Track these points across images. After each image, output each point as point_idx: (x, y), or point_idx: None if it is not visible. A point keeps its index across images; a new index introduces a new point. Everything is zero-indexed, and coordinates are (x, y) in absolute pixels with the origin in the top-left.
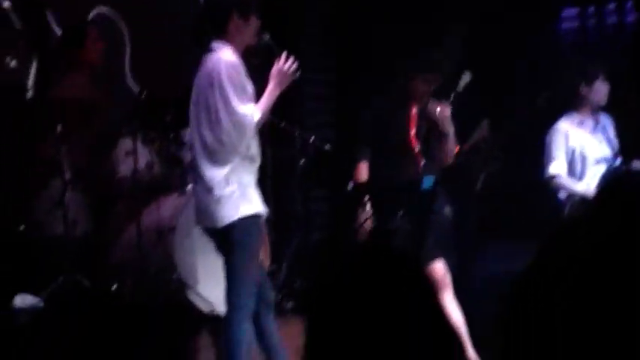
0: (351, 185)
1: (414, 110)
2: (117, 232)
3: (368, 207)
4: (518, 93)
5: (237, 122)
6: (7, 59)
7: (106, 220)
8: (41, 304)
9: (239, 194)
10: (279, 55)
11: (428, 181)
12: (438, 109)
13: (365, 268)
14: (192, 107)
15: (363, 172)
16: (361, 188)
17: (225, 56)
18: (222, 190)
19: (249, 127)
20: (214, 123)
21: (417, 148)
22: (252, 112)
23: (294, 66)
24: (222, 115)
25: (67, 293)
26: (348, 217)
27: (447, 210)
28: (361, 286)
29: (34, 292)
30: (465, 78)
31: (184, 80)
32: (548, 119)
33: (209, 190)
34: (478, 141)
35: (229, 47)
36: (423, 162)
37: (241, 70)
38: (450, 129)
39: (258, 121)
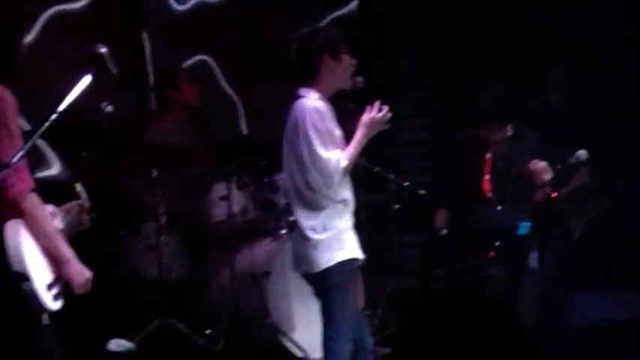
0: (445, 231)
1: (489, 156)
2: (211, 277)
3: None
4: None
5: (322, 168)
6: (103, 105)
7: (201, 265)
8: (135, 349)
9: (335, 239)
10: (373, 103)
11: (524, 228)
12: (541, 165)
13: (457, 315)
14: (284, 153)
15: (439, 216)
16: (457, 234)
17: (310, 102)
18: (319, 236)
19: (335, 172)
20: (302, 169)
21: (489, 192)
22: (338, 157)
23: (387, 115)
24: (307, 160)
25: (161, 337)
26: (440, 262)
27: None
28: (453, 333)
29: (128, 337)
30: (582, 156)
31: (279, 124)
32: None
33: (305, 235)
34: (578, 186)
35: (317, 92)
36: (499, 207)
37: (327, 115)
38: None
39: (345, 167)
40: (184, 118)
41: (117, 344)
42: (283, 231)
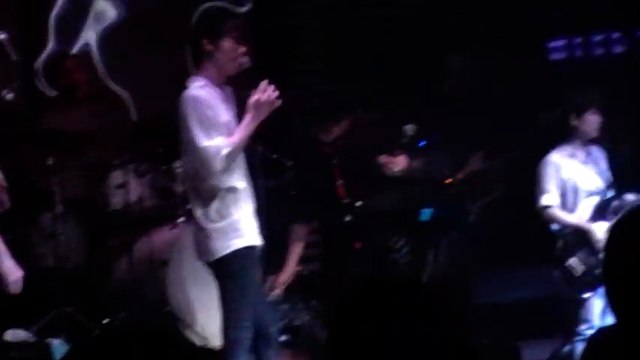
0: (349, 217)
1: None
2: (110, 265)
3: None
4: (511, 124)
5: (201, 156)
6: (4, 92)
7: (99, 253)
8: (33, 339)
9: (230, 227)
10: (258, 84)
11: (426, 214)
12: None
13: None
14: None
15: None
16: (364, 219)
17: (190, 91)
18: (213, 224)
19: (214, 160)
20: (189, 158)
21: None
22: (219, 145)
23: (274, 95)
24: (191, 149)
25: (59, 327)
26: (347, 246)
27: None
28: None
29: (25, 327)
30: (408, 130)
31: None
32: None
33: (201, 224)
34: (472, 172)
35: (203, 79)
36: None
37: (207, 102)
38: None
39: (229, 154)
40: (85, 104)
41: (14, 335)
42: (181, 219)
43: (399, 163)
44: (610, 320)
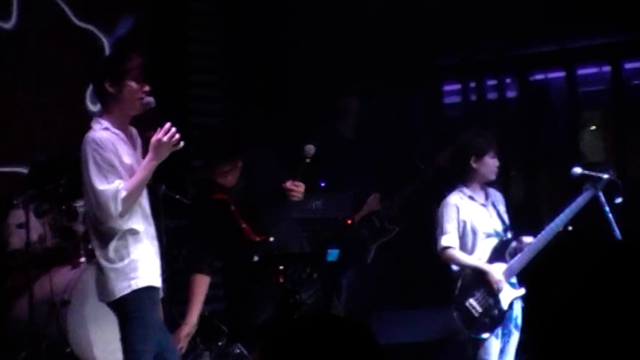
0: (256, 257)
1: (233, 208)
2: (9, 305)
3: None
4: (407, 164)
5: (98, 200)
6: None
7: None
8: None
9: (130, 267)
10: (161, 125)
11: (332, 254)
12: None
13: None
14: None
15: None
16: (271, 259)
17: (92, 133)
18: (112, 265)
19: (112, 203)
20: (88, 200)
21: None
22: (117, 188)
23: (176, 136)
24: (89, 191)
25: None
26: (252, 290)
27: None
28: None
29: None
30: (309, 150)
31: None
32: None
33: (100, 264)
34: (368, 213)
35: (107, 120)
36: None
37: (108, 145)
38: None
39: (128, 197)
40: None
41: None
42: (82, 259)
43: (302, 189)
44: None
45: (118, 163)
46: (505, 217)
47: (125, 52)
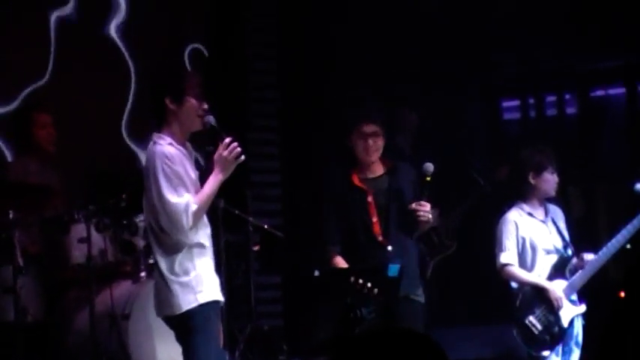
0: (317, 272)
1: (370, 198)
2: (70, 319)
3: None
4: (466, 181)
5: (170, 213)
6: None
7: (59, 307)
8: None
9: (195, 282)
10: (223, 139)
11: (394, 269)
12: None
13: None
14: (144, 196)
15: (339, 261)
16: (328, 275)
17: (159, 147)
18: (178, 278)
19: (183, 216)
20: (155, 213)
21: (380, 235)
22: (187, 201)
23: (237, 150)
24: (157, 205)
25: None
26: (312, 305)
27: None
28: None
29: None
30: (428, 168)
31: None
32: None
33: (165, 278)
34: (428, 230)
35: (168, 136)
36: (389, 248)
37: (177, 159)
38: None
39: (196, 211)
40: (41, 158)
41: None
42: (143, 273)
43: (427, 208)
44: None
45: (186, 177)
46: (565, 233)
47: (184, 70)
